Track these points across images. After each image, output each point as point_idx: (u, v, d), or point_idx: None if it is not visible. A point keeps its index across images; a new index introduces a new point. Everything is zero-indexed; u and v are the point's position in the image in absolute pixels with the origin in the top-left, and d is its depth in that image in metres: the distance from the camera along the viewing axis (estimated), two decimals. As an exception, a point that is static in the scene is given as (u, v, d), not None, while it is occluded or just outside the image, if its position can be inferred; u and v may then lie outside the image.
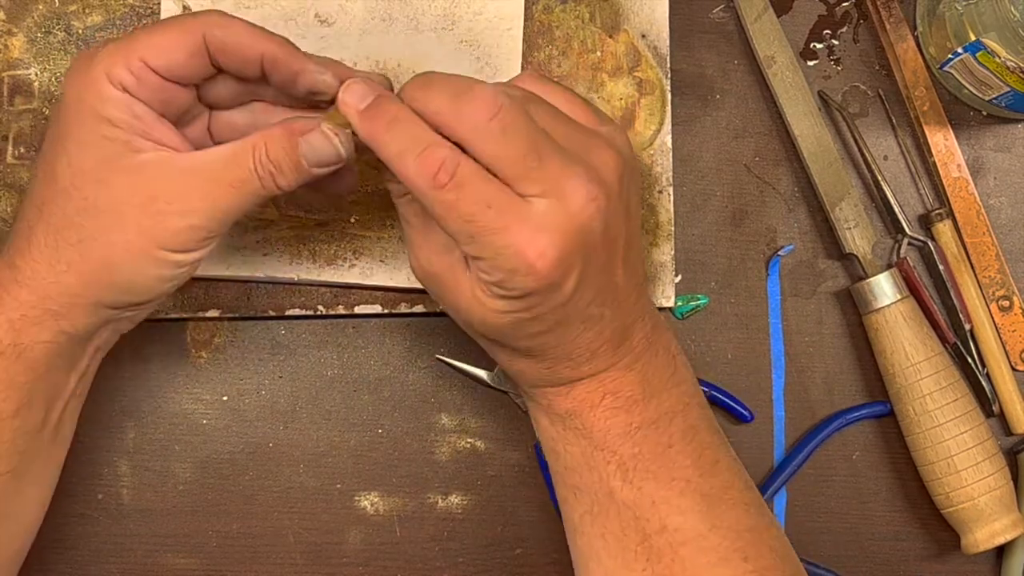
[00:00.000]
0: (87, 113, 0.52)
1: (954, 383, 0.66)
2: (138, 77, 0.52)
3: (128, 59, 0.52)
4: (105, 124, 0.52)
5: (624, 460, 0.54)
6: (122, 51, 0.52)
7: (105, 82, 0.52)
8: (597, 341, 0.54)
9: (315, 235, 0.65)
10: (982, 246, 0.70)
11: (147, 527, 0.67)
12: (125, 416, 0.67)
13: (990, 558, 0.70)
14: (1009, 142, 0.71)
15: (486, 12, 0.66)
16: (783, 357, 0.69)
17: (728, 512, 0.55)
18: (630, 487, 0.54)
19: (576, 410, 0.55)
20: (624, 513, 0.54)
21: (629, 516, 0.54)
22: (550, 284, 0.50)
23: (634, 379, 0.55)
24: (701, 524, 0.54)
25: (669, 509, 0.54)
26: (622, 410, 0.55)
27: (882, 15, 0.70)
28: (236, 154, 0.52)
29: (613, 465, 0.54)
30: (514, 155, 0.49)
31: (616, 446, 0.54)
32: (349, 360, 0.68)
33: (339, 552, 0.67)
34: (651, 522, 0.54)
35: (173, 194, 0.51)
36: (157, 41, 0.52)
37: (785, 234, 0.70)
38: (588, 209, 0.50)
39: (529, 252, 0.49)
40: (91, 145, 0.52)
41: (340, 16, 0.66)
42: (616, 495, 0.54)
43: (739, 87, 0.70)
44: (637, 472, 0.54)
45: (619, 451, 0.54)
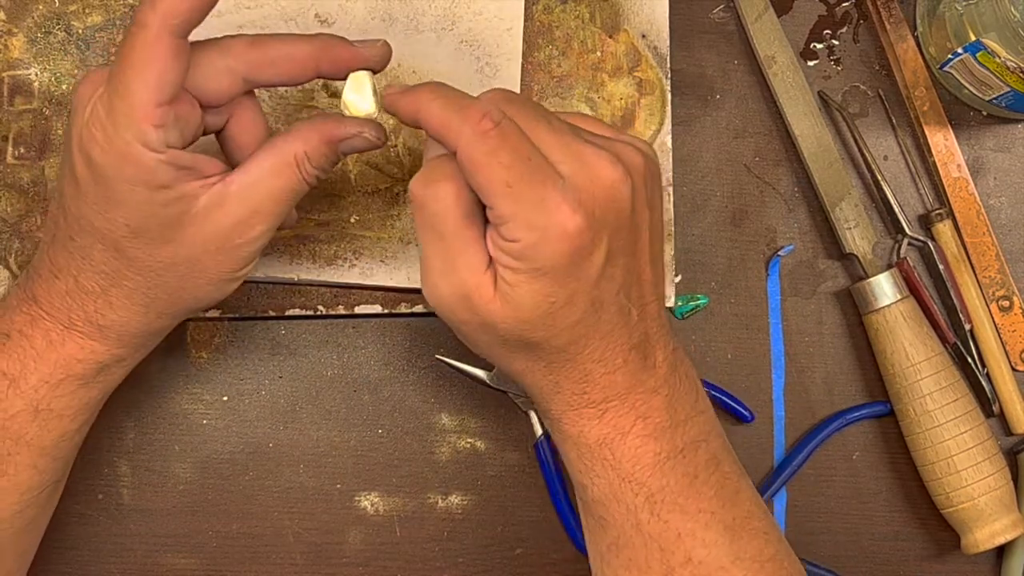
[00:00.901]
0: (138, 185, 0.50)
1: (954, 383, 0.66)
2: (166, 124, 0.50)
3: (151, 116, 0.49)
4: (159, 192, 0.51)
5: (652, 492, 0.54)
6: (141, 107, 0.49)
7: (144, 151, 0.50)
8: (626, 344, 0.53)
9: (315, 235, 0.65)
10: (982, 246, 0.70)
11: (147, 527, 0.67)
12: (125, 416, 0.67)
13: (990, 558, 0.70)
14: (1009, 142, 0.71)
15: (486, 12, 0.66)
16: (783, 357, 0.69)
17: (750, 543, 0.55)
18: (657, 520, 0.54)
19: (607, 438, 0.54)
20: (650, 545, 0.54)
21: (655, 548, 0.54)
22: (582, 247, 0.50)
23: (661, 404, 0.54)
24: (725, 557, 0.54)
25: (694, 542, 0.53)
26: (651, 438, 0.54)
27: (882, 15, 0.70)
28: (279, 168, 0.53)
29: (641, 498, 0.54)
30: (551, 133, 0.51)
31: (644, 478, 0.54)
32: (349, 360, 0.68)
33: (339, 552, 0.67)
34: (676, 555, 0.53)
35: (239, 228, 0.53)
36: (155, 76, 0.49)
37: (785, 234, 0.70)
38: (616, 182, 0.50)
39: (564, 208, 0.49)
40: (151, 215, 0.51)
41: (340, 16, 0.66)
42: (643, 528, 0.54)
43: (739, 87, 0.70)
44: (664, 505, 0.54)
45: (647, 483, 0.54)
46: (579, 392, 0.54)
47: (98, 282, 0.53)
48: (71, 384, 0.55)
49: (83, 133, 0.50)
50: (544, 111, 0.52)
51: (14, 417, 0.54)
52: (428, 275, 0.52)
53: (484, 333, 0.52)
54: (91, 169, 0.50)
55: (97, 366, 0.55)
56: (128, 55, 0.49)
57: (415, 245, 0.65)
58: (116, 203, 0.51)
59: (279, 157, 0.53)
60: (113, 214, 0.51)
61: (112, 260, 0.53)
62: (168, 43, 0.49)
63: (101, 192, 0.51)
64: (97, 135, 0.50)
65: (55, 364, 0.54)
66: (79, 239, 0.52)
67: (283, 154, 0.53)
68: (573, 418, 0.54)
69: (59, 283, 0.54)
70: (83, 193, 0.51)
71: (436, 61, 0.66)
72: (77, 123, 0.51)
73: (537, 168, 0.49)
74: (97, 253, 0.52)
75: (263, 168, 0.53)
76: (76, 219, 0.52)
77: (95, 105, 0.50)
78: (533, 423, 0.68)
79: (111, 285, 0.53)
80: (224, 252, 0.53)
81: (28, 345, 0.54)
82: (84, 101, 0.51)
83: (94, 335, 0.54)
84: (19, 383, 0.54)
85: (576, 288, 0.51)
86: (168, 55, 0.49)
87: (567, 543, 0.68)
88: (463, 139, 0.49)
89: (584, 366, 0.53)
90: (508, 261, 0.50)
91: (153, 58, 0.49)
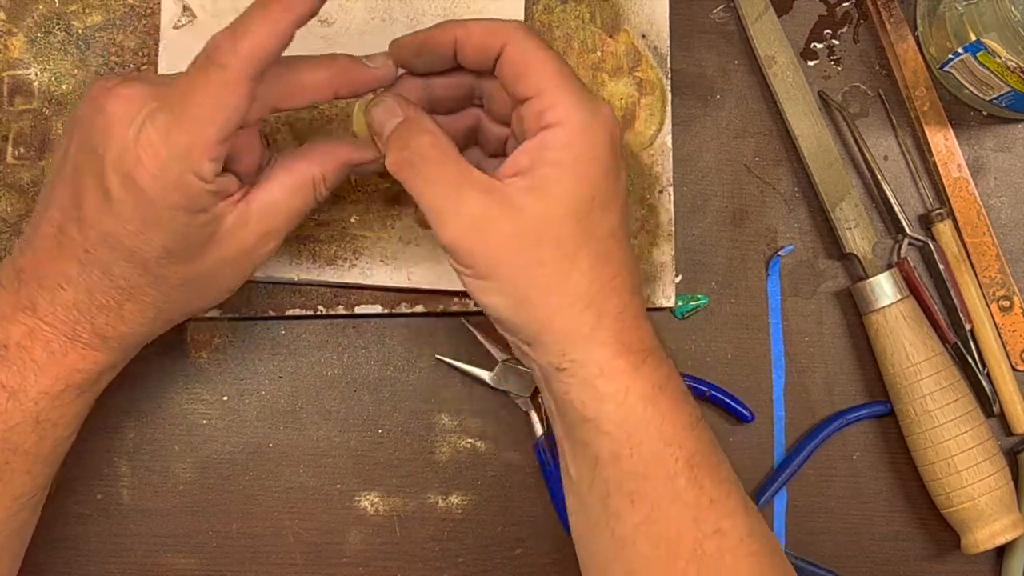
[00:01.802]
0: (180, 211, 0.51)
1: (954, 383, 0.66)
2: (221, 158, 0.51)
3: (211, 150, 0.50)
4: (198, 215, 0.52)
5: (690, 455, 0.53)
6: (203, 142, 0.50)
7: (195, 181, 0.50)
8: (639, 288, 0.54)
9: (315, 235, 0.65)
10: (982, 246, 0.70)
11: (147, 527, 0.67)
12: (125, 416, 0.67)
13: (990, 558, 0.70)
14: (1009, 142, 0.71)
15: (486, 12, 0.66)
16: (783, 357, 0.69)
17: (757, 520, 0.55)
18: (694, 485, 0.53)
19: (650, 395, 0.52)
20: (684, 515, 0.53)
21: (688, 518, 0.53)
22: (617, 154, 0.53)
23: (674, 371, 0.55)
24: (743, 528, 0.54)
25: (723, 511, 0.53)
26: (683, 399, 0.54)
27: (882, 15, 0.70)
28: (297, 188, 0.55)
29: (682, 461, 0.53)
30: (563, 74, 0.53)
31: (683, 439, 0.53)
32: (349, 360, 0.68)
33: (339, 552, 0.67)
34: (707, 523, 0.53)
35: (258, 244, 0.54)
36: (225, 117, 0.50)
37: (785, 234, 0.70)
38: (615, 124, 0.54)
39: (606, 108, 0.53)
40: (187, 236, 0.52)
41: (340, 16, 0.66)
42: (680, 496, 0.53)
43: (739, 87, 0.70)
44: (700, 469, 0.53)
45: (686, 444, 0.53)
46: (618, 329, 0.52)
47: (114, 296, 0.53)
48: (70, 394, 0.55)
49: (127, 156, 0.50)
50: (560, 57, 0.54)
51: (13, 428, 0.54)
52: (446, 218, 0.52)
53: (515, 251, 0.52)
54: (132, 191, 0.50)
55: (96, 375, 0.55)
56: (200, 91, 0.50)
57: (415, 245, 0.65)
58: (154, 226, 0.51)
59: (298, 178, 0.55)
60: (150, 235, 0.51)
61: (134, 277, 0.53)
62: (246, 88, 0.50)
63: (139, 214, 0.51)
64: (147, 162, 0.50)
65: (55, 376, 0.54)
66: (98, 252, 0.52)
67: (302, 176, 0.55)
68: (614, 370, 0.52)
69: (66, 294, 0.53)
70: (116, 212, 0.51)
71: (436, 61, 0.66)
72: (116, 143, 0.50)
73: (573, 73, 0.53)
74: (118, 269, 0.52)
75: (283, 188, 0.54)
76: (99, 234, 0.52)
77: (145, 130, 0.50)
78: (533, 423, 0.68)
79: (127, 300, 0.53)
80: (240, 265, 0.55)
81: (28, 357, 0.53)
82: (124, 121, 0.50)
83: (97, 346, 0.54)
84: (19, 396, 0.53)
85: (612, 191, 0.52)
86: (244, 100, 0.50)
87: (567, 543, 0.68)
88: (514, 36, 0.52)
89: (623, 295, 0.53)
90: (551, 155, 0.51)
91: (229, 101, 0.50)
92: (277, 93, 0.53)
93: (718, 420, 0.69)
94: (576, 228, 0.52)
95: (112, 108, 0.50)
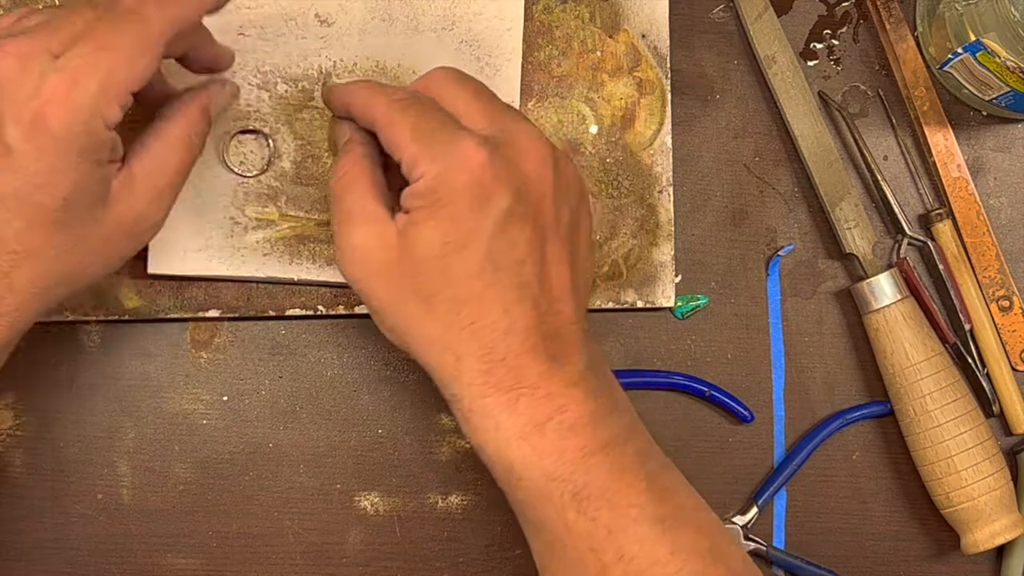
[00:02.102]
0: (85, 159, 0.51)
1: (954, 383, 0.66)
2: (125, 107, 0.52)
3: (121, 96, 0.51)
4: (98, 167, 0.52)
5: (578, 489, 0.52)
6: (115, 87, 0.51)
7: (102, 127, 0.51)
8: (534, 331, 0.53)
9: (315, 235, 0.65)
10: (982, 246, 0.70)
11: (147, 527, 0.67)
12: (125, 416, 0.67)
13: (990, 558, 0.70)
14: (1009, 142, 0.71)
15: (486, 12, 0.66)
16: (783, 357, 0.69)
17: (686, 535, 0.54)
18: (584, 518, 0.52)
19: (524, 431, 0.53)
20: (580, 545, 0.53)
21: (585, 548, 0.53)
22: (480, 184, 0.52)
23: (580, 397, 0.53)
24: (659, 550, 0.53)
25: (625, 538, 0.52)
26: (571, 432, 0.53)
27: (882, 15, 0.70)
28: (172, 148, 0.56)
29: (568, 495, 0.52)
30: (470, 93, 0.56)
31: (568, 474, 0.52)
32: (349, 360, 0.68)
33: (339, 552, 0.67)
34: (608, 552, 0.52)
35: (149, 209, 0.55)
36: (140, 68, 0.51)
37: (785, 234, 0.70)
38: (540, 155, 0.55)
39: (466, 144, 0.53)
40: (86, 189, 0.52)
41: (340, 16, 0.66)
42: (572, 527, 0.53)
43: (739, 87, 0.70)
44: (591, 501, 0.52)
45: (572, 479, 0.52)
46: (484, 370, 0.53)
47: (5, 262, 0.52)
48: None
49: (30, 104, 0.50)
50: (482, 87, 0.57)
51: None
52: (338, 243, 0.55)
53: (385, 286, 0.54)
54: (36, 139, 0.50)
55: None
56: (115, 38, 0.51)
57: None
58: (61, 174, 0.51)
59: (170, 140, 0.56)
60: (53, 185, 0.51)
61: (29, 237, 0.51)
62: (161, 47, 0.52)
63: (46, 163, 0.50)
64: (56, 105, 0.50)
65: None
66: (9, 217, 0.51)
67: (173, 136, 0.56)
68: (485, 408, 0.53)
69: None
70: (18, 165, 0.50)
71: (436, 61, 0.65)
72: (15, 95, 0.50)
73: (445, 122, 0.54)
74: (11, 231, 0.51)
75: (159, 154, 0.56)
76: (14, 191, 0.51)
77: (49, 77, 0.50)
78: (533, 423, 0.67)
79: (16, 266, 0.52)
80: (132, 235, 0.55)
81: None
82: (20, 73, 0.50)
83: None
84: None
85: (471, 231, 0.52)
86: (157, 59, 0.52)
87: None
88: (380, 107, 0.55)
89: (486, 338, 0.53)
90: (412, 202, 0.53)
91: (145, 54, 0.51)
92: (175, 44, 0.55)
93: (718, 420, 0.69)
94: (432, 273, 0.53)
95: (6, 62, 0.50)
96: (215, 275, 0.65)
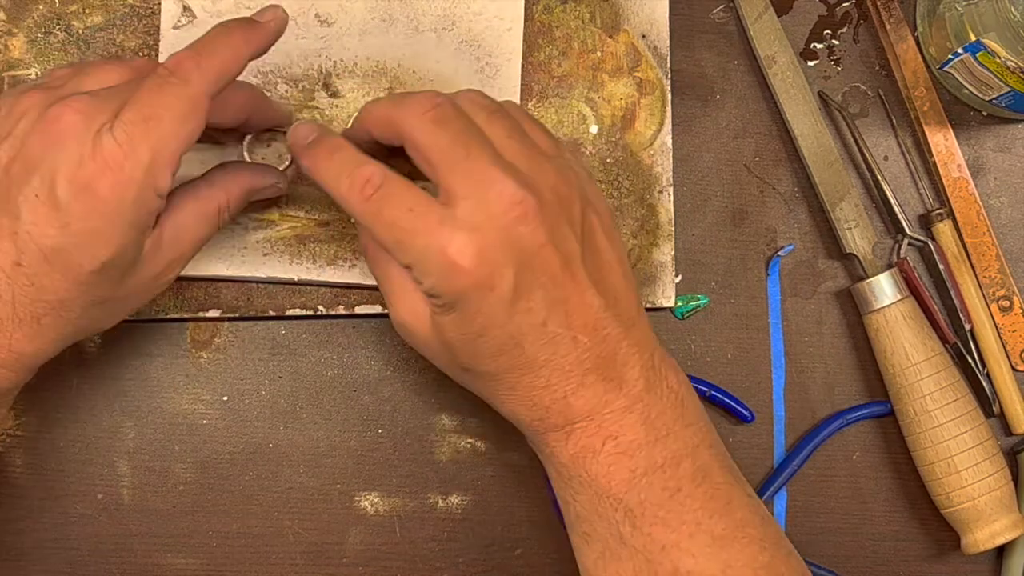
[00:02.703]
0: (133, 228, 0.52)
1: (954, 383, 0.66)
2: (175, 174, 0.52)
3: (172, 164, 0.52)
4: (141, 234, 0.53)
5: (631, 508, 0.54)
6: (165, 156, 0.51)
7: (153, 196, 0.52)
8: (576, 370, 0.54)
9: (315, 235, 0.65)
10: (982, 246, 0.70)
11: (147, 527, 0.67)
12: (125, 416, 0.67)
13: (990, 558, 0.70)
14: (1009, 142, 0.71)
15: (486, 12, 0.66)
16: (783, 357, 0.69)
17: (742, 551, 0.54)
18: (639, 533, 0.54)
19: (578, 457, 0.54)
20: (636, 557, 0.54)
21: (641, 560, 0.54)
22: (478, 282, 0.51)
23: (635, 421, 0.54)
24: (714, 566, 0.54)
25: (680, 553, 0.53)
26: (625, 456, 0.54)
27: (882, 15, 0.70)
28: (203, 217, 0.56)
29: (620, 513, 0.54)
30: (443, 145, 0.52)
31: (620, 494, 0.54)
32: (349, 360, 0.68)
33: (339, 552, 0.67)
34: (663, 565, 0.53)
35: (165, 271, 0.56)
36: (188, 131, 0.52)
37: (785, 234, 0.70)
38: (513, 211, 0.51)
39: (449, 249, 0.51)
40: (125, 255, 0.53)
41: (340, 16, 0.66)
42: (626, 540, 0.54)
43: (739, 87, 0.70)
44: (645, 519, 0.54)
45: (624, 499, 0.54)
46: (536, 418, 0.55)
47: (34, 310, 0.52)
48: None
49: (85, 166, 0.50)
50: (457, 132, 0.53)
51: None
52: (390, 313, 0.56)
53: (432, 355, 0.56)
54: (86, 202, 0.50)
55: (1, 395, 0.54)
56: (162, 105, 0.51)
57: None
58: (105, 239, 0.51)
59: (204, 207, 0.57)
60: (98, 249, 0.51)
61: (63, 290, 0.52)
62: (206, 104, 0.52)
63: (89, 226, 0.51)
64: (109, 174, 0.50)
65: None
66: (29, 266, 0.51)
67: (208, 204, 0.57)
68: (543, 440, 0.56)
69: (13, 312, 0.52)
70: (63, 223, 0.50)
71: (436, 61, 0.66)
72: (71, 154, 0.50)
73: (420, 215, 0.52)
74: (48, 281, 0.52)
75: (189, 215, 0.56)
76: (38, 246, 0.51)
77: (105, 140, 0.50)
78: (533, 423, 0.68)
79: (47, 314, 0.53)
80: (147, 292, 0.56)
81: None
82: (79, 131, 0.51)
83: (9, 364, 0.53)
84: None
85: (484, 323, 0.52)
86: (204, 115, 0.52)
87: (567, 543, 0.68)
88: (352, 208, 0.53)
89: (530, 394, 0.54)
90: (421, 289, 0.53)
91: (192, 115, 0.52)
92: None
93: (718, 420, 0.69)
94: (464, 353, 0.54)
95: (68, 119, 0.51)
96: (215, 275, 0.65)
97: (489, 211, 0.51)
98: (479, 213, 0.51)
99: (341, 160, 0.54)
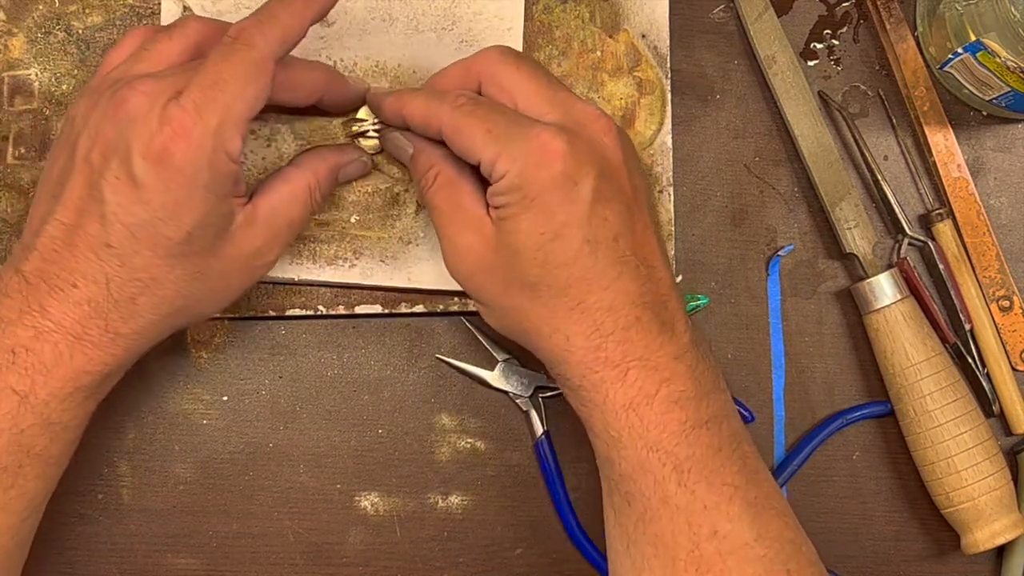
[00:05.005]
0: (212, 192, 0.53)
1: (954, 383, 0.66)
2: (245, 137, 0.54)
3: (241, 127, 0.53)
4: (223, 201, 0.54)
5: (680, 461, 0.54)
6: (232, 119, 0.52)
7: (225, 159, 0.53)
8: (638, 301, 0.54)
9: (315, 235, 0.65)
10: (982, 246, 0.70)
11: (147, 527, 0.67)
12: (125, 416, 0.67)
13: (990, 558, 0.70)
14: (1009, 142, 0.71)
15: (486, 12, 0.66)
16: (783, 357, 0.69)
17: (772, 522, 0.55)
18: (684, 490, 0.54)
19: (633, 402, 0.54)
20: (677, 518, 0.54)
21: (682, 521, 0.54)
22: (566, 172, 0.53)
23: (685, 372, 0.55)
24: (748, 532, 0.54)
25: (719, 515, 0.54)
26: (677, 405, 0.54)
27: (882, 15, 0.70)
28: (296, 196, 0.58)
29: (669, 467, 0.54)
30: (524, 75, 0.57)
31: (671, 446, 0.54)
32: (349, 360, 0.68)
33: (339, 552, 0.67)
34: (703, 527, 0.54)
35: (263, 250, 0.57)
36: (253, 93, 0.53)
37: (785, 234, 0.70)
38: (598, 123, 0.56)
39: (543, 135, 0.54)
40: (210, 223, 0.54)
41: (340, 16, 0.66)
42: (670, 500, 0.54)
43: (739, 87, 0.70)
44: (691, 474, 0.54)
45: (674, 452, 0.54)
46: (593, 347, 0.55)
47: (129, 289, 0.54)
48: (79, 395, 0.55)
49: (156, 139, 0.52)
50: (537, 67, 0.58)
51: (25, 432, 0.54)
52: (444, 245, 0.58)
53: (492, 280, 0.56)
54: (163, 174, 0.52)
55: (103, 376, 0.55)
56: (228, 69, 0.53)
57: (415, 245, 0.65)
58: (187, 207, 0.53)
59: (294, 187, 0.58)
60: (179, 218, 0.53)
61: (154, 267, 0.54)
62: (271, 67, 0.54)
63: (172, 196, 0.52)
64: (179, 141, 0.51)
65: (64, 379, 0.54)
66: (119, 245, 0.53)
67: (297, 184, 0.58)
68: (595, 382, 0.55)
69: (78, 292, 0.53)
70: (146, 199, 0.52)
71: (436, 61, 0.66)
72: (143, 131, 0.52)
73: (514, 117, 0.55)
74: (139, 259, 0.53)
75: (282, 196, 0.58)
76: (124, 225, 0.52)
77: (171, 111, 0.52)
78: (533, 423, 0.68)
79: (141, 293, 0.54)
80: (247, 271, 0.57)
81: (36, 360, 0.54)
82: (147, 108, 0.52)
83: (105, 345, 0.54)
84: (29, 399, 0.54)
85: (565, 220, 0.54)
86: (270, 78, 0.54)
87: (567, 543, 0.68)
88: (444, 115, 0.56)
89: (593, 316, 0.54)
90: (500, 199, 0.55)
91: (257, 78, 0.53)
92: (278, 83, 0.55)
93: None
94: (533, 263, 0.54)
95: (134, 100, 0.52)
96: (215, 275, 0.65)
97: (576, 119, 0.55)
98: (568, 120, 0.55)
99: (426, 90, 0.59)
